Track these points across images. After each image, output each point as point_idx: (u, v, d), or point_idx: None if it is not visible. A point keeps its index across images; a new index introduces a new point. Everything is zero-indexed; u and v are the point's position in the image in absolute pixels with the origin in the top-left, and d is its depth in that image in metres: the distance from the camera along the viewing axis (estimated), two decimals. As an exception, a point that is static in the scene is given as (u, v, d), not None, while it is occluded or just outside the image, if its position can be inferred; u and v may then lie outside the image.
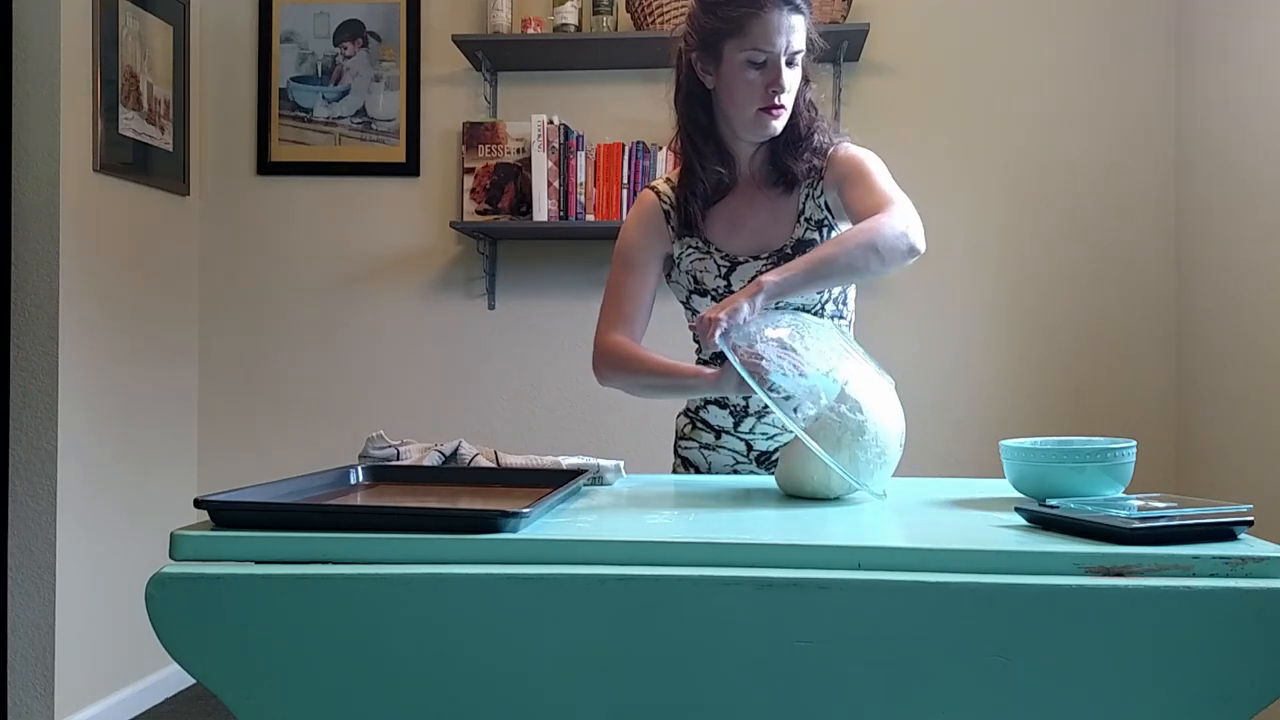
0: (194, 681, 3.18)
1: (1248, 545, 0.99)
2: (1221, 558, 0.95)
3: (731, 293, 1.63)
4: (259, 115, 3.57)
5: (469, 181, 3.41)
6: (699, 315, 1.42)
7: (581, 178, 3.30)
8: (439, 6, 3.53)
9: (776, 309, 1.48)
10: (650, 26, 3.26)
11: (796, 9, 1.59)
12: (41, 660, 2.87)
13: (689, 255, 1.69)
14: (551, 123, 3.30)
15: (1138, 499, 1.10)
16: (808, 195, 1.67)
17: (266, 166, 3.57)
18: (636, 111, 3.41)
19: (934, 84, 3.41)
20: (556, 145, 3.30)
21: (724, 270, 1.66)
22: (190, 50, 3.50)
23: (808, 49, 1.63)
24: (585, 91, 3.48)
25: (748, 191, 1.70)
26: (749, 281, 1.58)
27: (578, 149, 3.30)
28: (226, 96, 3.60)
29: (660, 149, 3.28)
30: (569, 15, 3.32)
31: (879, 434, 1.27)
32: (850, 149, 1.68)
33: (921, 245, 1.52)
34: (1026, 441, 1.26)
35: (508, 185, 3.39)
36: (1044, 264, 3.37)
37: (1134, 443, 1.21)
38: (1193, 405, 3.22)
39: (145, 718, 3.17)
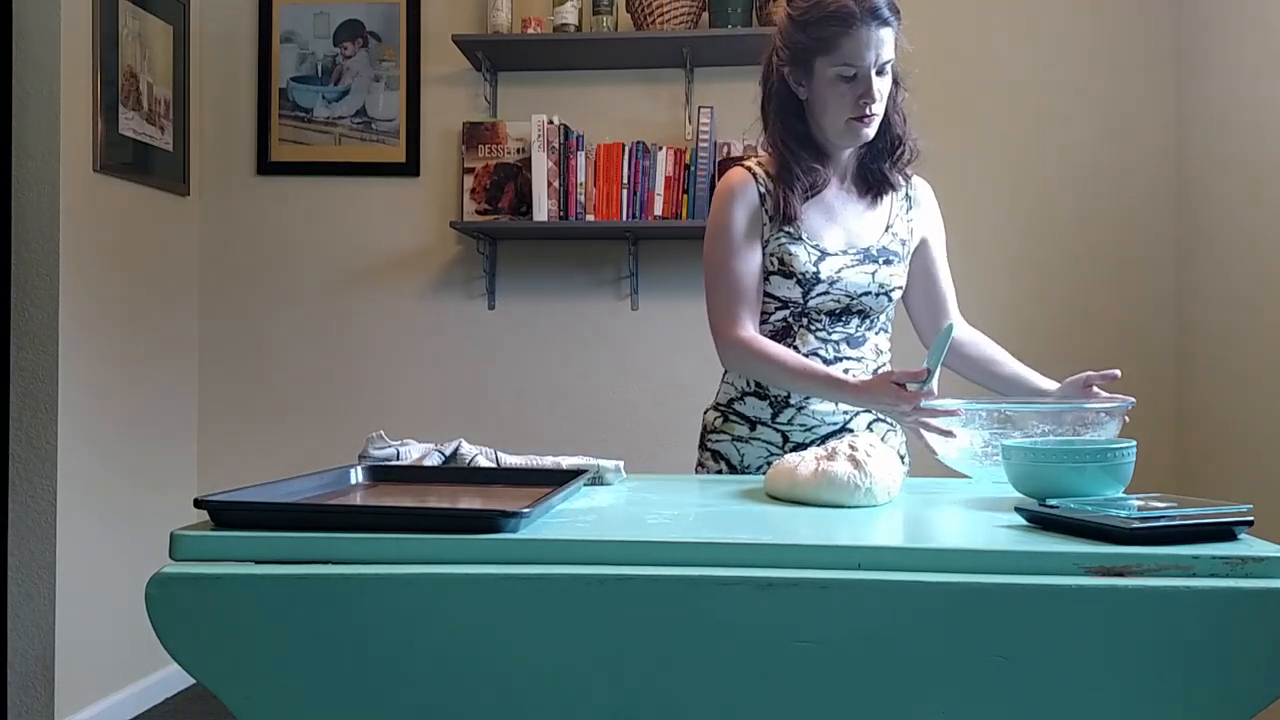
0: (194, 681, 3.18)
1: (1248, 545, 0.99)
2: (1221, 558, 0.95)
3: (819, 280, 1.68)
4: (259, 115, 3.57)
5: (469, 181, 3.41)
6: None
7: (581, 178, 3.30)
8: (439, 6, 3.53)
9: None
10: (650, 26, 3.26)
11: (885, 22, 1.61)
12: (41, 660, 2.86)
13: (778, 238, 1.71)
14: (551, 123, 3.30)
15: (1138, 499, 1.10)
16: (898, 215, 1.77)
17: (266, 166, 3.57)
18: (636, 111, 3.41)
19: (933, 84, 3.39)
20: (556, 145, 3.29)
21: (815, 259, 1.69)
22: (190, 50, 3.50)
23: (898, 55, 1.68)
24: (585, 91, 3.48)
25: (840, 190, 1.76)
26: (835, 274, 1.68)
27: (578, 149, 3.30)
28: (226, 96, 3.60)
29: (660, 149, 3.28)
30: (569, 15, 3.31)
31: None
32: (933, 198, 1.84)
33: None
34: (1026, 441, 1.26)
35: (508, 185, 3.39)
36: (1043, 264, 3.37)
37: (1134, 443, 1.21)
38: (1193, 405, 3.22)
39: (145, 718, 3.17)
